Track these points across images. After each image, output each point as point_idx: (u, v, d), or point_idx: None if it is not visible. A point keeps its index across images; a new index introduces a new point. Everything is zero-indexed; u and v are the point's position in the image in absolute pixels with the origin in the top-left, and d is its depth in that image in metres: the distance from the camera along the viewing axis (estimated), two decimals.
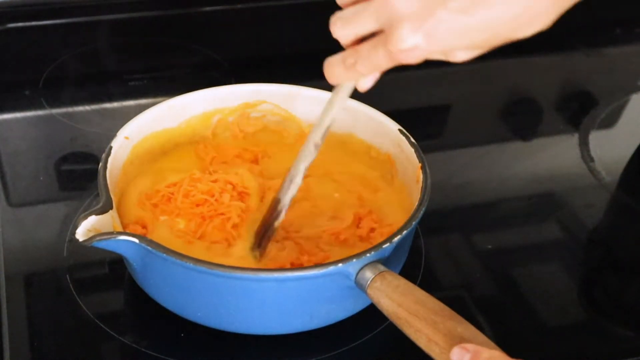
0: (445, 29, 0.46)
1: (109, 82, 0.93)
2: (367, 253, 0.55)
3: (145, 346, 0.60)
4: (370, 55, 0.49)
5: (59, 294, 0.64)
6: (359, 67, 0.50)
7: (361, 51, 0.50)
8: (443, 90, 0.96)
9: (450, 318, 0.50)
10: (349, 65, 0.51)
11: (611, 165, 0.84)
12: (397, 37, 0.47)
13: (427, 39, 0.46)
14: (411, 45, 0.47)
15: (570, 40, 1.08)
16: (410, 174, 0.66)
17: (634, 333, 0.66)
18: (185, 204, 0.64)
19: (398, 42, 0.47)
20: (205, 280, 0.55)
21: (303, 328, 0.60)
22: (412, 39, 0.46)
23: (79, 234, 0.54)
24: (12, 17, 1.00)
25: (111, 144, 0.64)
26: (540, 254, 0.73)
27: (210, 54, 0.98)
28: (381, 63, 0.49)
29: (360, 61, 0.50)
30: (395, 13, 0.47)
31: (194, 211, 0.64)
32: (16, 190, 0.76)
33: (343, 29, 0.51)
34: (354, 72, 0.51)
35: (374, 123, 0.71)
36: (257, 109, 0.74)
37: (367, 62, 0.50)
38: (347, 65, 0.51)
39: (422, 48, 0.47)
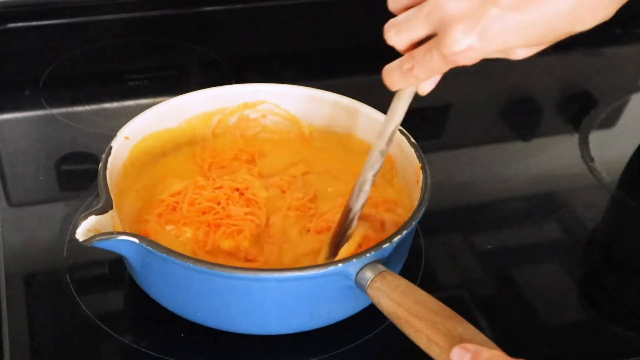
0: (499, 28, 0.46)
1: (109, 82, 0.93)
2: (367, 253, 0.55)
3: (145, 346, 0.60)
4: (426, 59, 0.49)
5: (59, 294, 0.64)
6: (416, 72, 0.50)
7: (417, 56, 0.49)
8: (443, 90, 0.96)
9: (450, 318, 0.50)
10: (406, 71, 0.50)
11: (611, 165, 0.84)
12: (450, 39, 0.46)
13: (481, 39, 0.46)
14: (465, 46, 0.46)
15: (570, 40, 1.07)
16: (410, 174, 0.66)
17: (634, 333, 0.66)
18: (192, 212, 0.64)
19: (451, 44, 0.46)
20: (205, 280, 0.55)
21: (303, 328, 0.60)
22: (465, 40, 0.46)
23: (79, 234, 0.54)
24: (12, 17, 1.00)
25: (111, 144, 0.64)
26: (540, 254, 0.73)
27: (210, 54, 0.98)
28: (437, 66, 0.49)
29: (417, 66, 0.50)
30: (447, 15, 0.46)
31: (200, 219, 0.63)
32: (16, 190, 0.76)
33: (397, 35, 0.50)
34: (412, 77, 0.51)
35: (374, 123, 0.71)
36: (257, 109, 0.74)
37: (423, 67, 0.49)
38: (405, 71, 0.51)
39: (476, 49, 0.46)
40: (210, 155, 0.72)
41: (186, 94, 0.72)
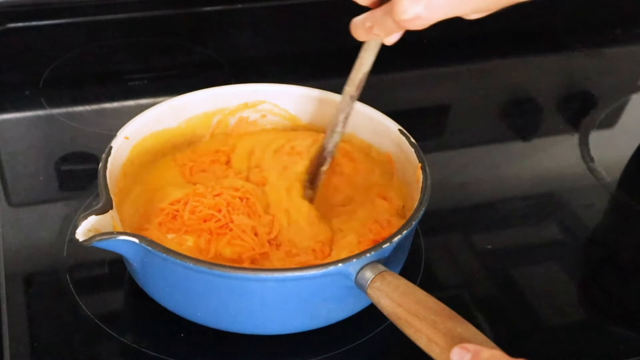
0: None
1: (109, 82, 0.93)
2: (367, 253, 0.55)
3: (145, 346, 0.60)
4: (383, 21, 0.54)
5: (59, 294, 0.64)
6: (375, 30, 0.55)
7: (376, 17, 0.54)
8: (443, 90, 0.96)
9: (450, 318, 0.50)
10: (368, 29, 0.56)
11: (611, 165, 0.84)
12: (399, 8, 0.50)
13: (427, 9, 0.50)
14: (412, 15, 0.50)
15: (570, 40, 1.08)
16: (410, 174, 0.66)
17: (634, 333, 0.66)
18: (192, 220, 0.63)
19: (400, 12, 0.50)
20: (205, 280, 0.55)
21: (303, 328, 0.60)
22: (412, 10, 0.50)
23: (79, 234, 0.54)
24: (12, 17, 1.00)
25: (111, 144, 0.64)
26: (540, 254, 0.73)
27: (210, 54, 0.98)
28: (392, 28, 0.53)
29: (376, 26, 0.55)
30: None
31: (202, 227, 0.62)
32: (16, 190, 0.76)
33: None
34: (373, 35, 0.56)
35: (374, 123, 0.71)
36: (257, 109, 0.74)
37: (381, 27, 0.54)
38: (366, 28, 0.56)
39: (423, 17, 0.50)
40: (190, 159, 0.71)
41: (186, 94, 0.72)
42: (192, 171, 0.70)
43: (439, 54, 1.02)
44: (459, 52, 1.03)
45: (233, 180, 0.68)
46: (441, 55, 1.02)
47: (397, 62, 0.93)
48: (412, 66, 0.99)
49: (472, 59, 1.02)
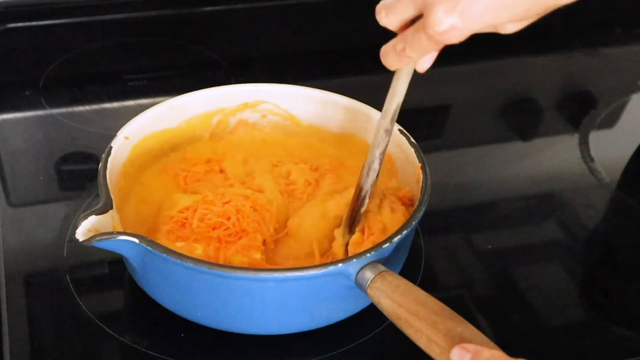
0: (480, 7, 0.47)
1: (109, 82, 0.93)
2: (367, 253, 0.55)
3: (145, 346, 0.60)
4: (415, 40, 0.51)
5: (59, 294, 0.64)
6: (408, 52, 0.52)
7: (407, 37, 0.51)
8: (443, 90, 0.96)
9: (450, 318, 0.50)
10: (400, 52, 0.52)
11: (611, 165, 0.84)
12: (433, 20, 0.48)
13: (463, 18, 0.47)
14: (448, 26, 0.48)
15: (570, 40, 1.08)
16: (410, 174, 0.66)
17: (634, 333, 0.66)
18: (201, 228, 0.62)
19: (435, 25, 0.48)
20: (205, 280, 0.55)
21: (303, 328, 0.60)
22: (448, 20, 0.47)
23: (79, 234, 0.54)
24: (12, 17, 1.00)
25: (111, 144, 0.64)
26: (540, 254, 0.73)
27: (210, 54, 0.98)
28: (426, 46, 0.51)
29: (408, 47, 0.52)
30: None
31: (211, 235, 0.62)
32: (16, 190, 0.76)
33: (387, 17, 0.52)
34: (406, 57, 0.53)
35: (374, 123, 0.71)
36: (257, 109, 0.74)
37: (414, 47, 0.51)
38: (398, 52, 0.53)
39: (459, 28, 0.48)
40: (181, 168, 0.70)
41: (186, 94, 0.72)
42: (187, 181, 0.69)
43: (439, 54, 1.02)
44: (459, 52, 1.03)
45: (240, 187, 0.67)
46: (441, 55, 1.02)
47: None
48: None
49: (472, 59, 1.02)
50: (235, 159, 0.71)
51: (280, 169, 0.71)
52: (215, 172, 0.70)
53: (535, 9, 0.49)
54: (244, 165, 0.71)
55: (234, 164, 0.71)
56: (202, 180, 0.69)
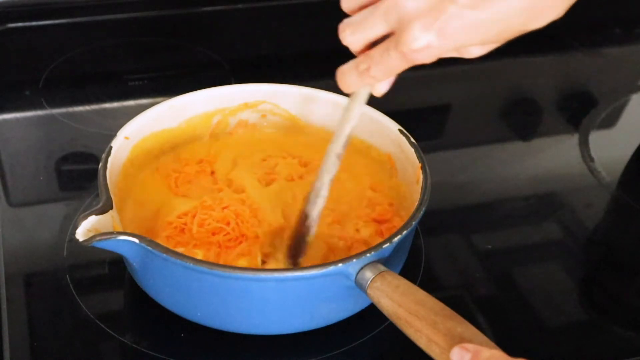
0: (457, 26, 0.46)
1: (109, 82, 0.93)
2: (367, 253, 0.55)
3: (145, 346, 0.60)
4: (383, 58, 0.49)
5: (59, 294, 0.64)
6: (373, 72, 0.50)
7: (374, 56, 0.49)
8: (443, 90, 0.96)
9: (450, 318, 0.50)
10: (363, 72, 0.50)
11: (611, 165, 0.84)
12: (408, 37, 0.46)
13: (439, 37, 0.46)
14: (424, 44, 0.46)
15: (570, 40, 1.08)
16: (410, 174, 0.66)
17: (634, 333, 0.66)
18: (201, 233, 0.62)
19: (410, 42, 0.46)
20: (205, 280, 0.55)
21: (303, 328, 0.60)
22: (424, 38, 0.46)
23: (79, 234, 0.54)
24: (12, 17, 1.00)
25: (111, 144, 0.64)
26: (540, 254, 0.73)
27: (210, 54, 0.98)
28: (395, 65, 0.49)
29: (374, 66, 0.49)
30: (405, 13, 0.46)
31: (211, 240, 0.62)
32: (16, 190, 0.76)
33: (353, 35, 0.50)
34: (369, 78, 0.50)
35: (374, 123, 0.71)
36: (257, 109, 0.75)
37: (380, 66, 0.49)
38: (361, 72, 0.50)
39: (434, 46, 0.46)
40: (173, 169, 0.70)
41: (186, 94, 0.72)
42: (178, 182, 0.68)
43: None
44: None
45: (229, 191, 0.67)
46: None
47: None
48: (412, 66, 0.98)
49: (472, 59, 1.01)
50: (226, 159, 0.71)
51: (268, 162, 0.71)
52: (205, 174, 0.70)
53: (506, 33, 0.48)
54: (233, 166, 0.71)
55: (224, 164, 0.71)
56: (192, 182, 0.69)
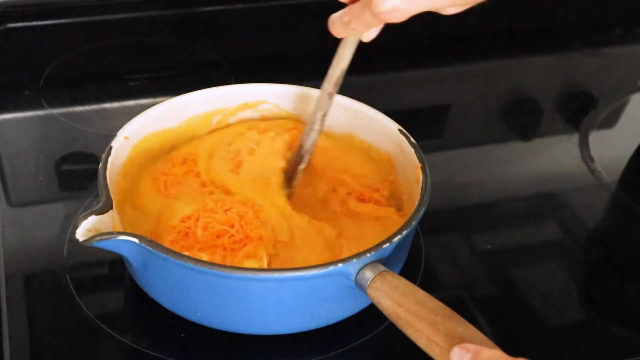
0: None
1: (109, 82, 0.93)
2: (367, 253, 0.55)
3: (145, 346, 0.60)
4: (360, 15, 0.54)
5: (59, 294, 0.64)
6: (353, 25, 0.55)
7: (354, 11, 0.54)
8: (443, 90, 0.96)
9: (450, 318, 0.50)
10: (346, 23, 0.56)
11: (611, 165, 0.84)
12: (376, 0, 0.50)
13: (405, 1, 0.50)
14: (390, 7, 0.50)
15: (570, 40, 1.08)
16: (410, 174, 0.66)
17: (634, 333, 0.66)
18: (206, 236, 0.62)
19: (378, 5, 0.51)
20: (205, 280, 0.55)
21: (303, 328, 0.60)
22: (390, 1, 0.50)
23: (79, 234, 0.54)
24: (12, 17, 1.00)
25: (111, 144, 0.64)
26: (540, 254, 0.73)
27: (210, 54, 0.98)
28: (370, 22, 0.53)
29: (354, 20, 0.55)
30: None
31: (216, 243, 0.61)
32: (16, 190, 0.76)
33: None
34: (351, 30, 0.56)
35: (374, 123, 0.71)
36: (257, 109, 0.75)
37: (359, 21, 0.54)
38: (344, 23, 0.56)
39: (401, 9, 0.50)
40: (162, 172, 0.69)
41: (186, 94, 0.72)
42: (167, 185, 0.68)
43: (439, 54, 1.02)
44: (459, 52, 1.03)
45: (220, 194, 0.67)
46: (441, 55, 1.02)
47: (397, 62, 0.93)
48: (412, 66, 0.99)
49: (472, 59, 1.02)
50: (204, 156, 0.71)
51: (233, 146, 0.71)
52: (194, 174, 0.69)
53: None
54: (210, 159, 0.70)
55: (203, 161, 0.70)
56: (182, 184, 0.68)
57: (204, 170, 0.69)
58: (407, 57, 0.93)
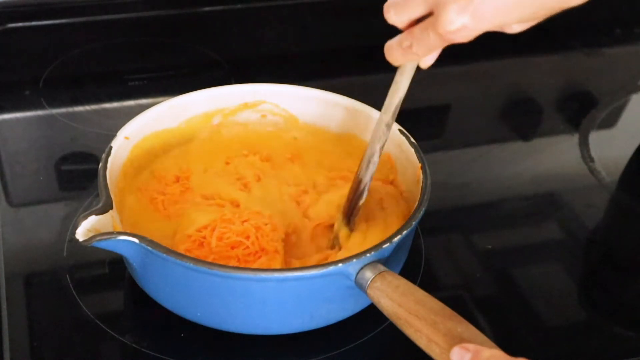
0: (491, 8, 0.47)
1: (109, 82, 0.93)
2: (367, 253, 0.55)
3: (145, 346, 0.60)
4: (423, 37, 0.51)
5: (59, 294, 0.64)
6: (415, 49, 0.52)
7: (415, 34, 0.52)
8: (443, 90, 0.96)
9: (450, 318, 0.50)
10: (406, 48, 0.53)
11: (611, 165, 0.84)
12: (444, 19, 0.48)
13: (473, 19, 0.48)
14: (459, 26, 0.48)
15: (570, 40, 1.08)
16: (410, 174, 0.66)
17: (634, 333, 0.66)
18: (220, 247, 0.61)
19: (446, 24, 0.48)
20: (205, 280, 0.55)
21: (303, 328, 0.60)
22: (459, 20, 0.48)
23: (79, 234, 0.54)
24: (12, 17, 1.00)
25: (111, 144, 0.64)
26: (540, 254, 0.73)
27: (210, 54, 0.98)
28: (434, 44, 0.51)
29: (415, 44, 0.52)
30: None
31: (230, 254, 0.61)
32: (16, 190, 0.76)
33: (397, 15, 0.53)
34: (412, 54, 0.53)
35: (374, 123, 0.70)
36: (257, 109, 0.74)
37: (421, 44, 0.52)
38: (404, 48, 0.53)
39: (470, 28, 0.48)
40: (156, 191, 0.67)
41: (186, 94, 0.72)
42: (165, 204, 0.67)
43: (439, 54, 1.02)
44: (459, 52, 1.03)
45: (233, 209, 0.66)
46: (441, 55, 1.02)
47: None
48: None
49: (472, 59, 1.02)
50: (198, 171, 0.70)
51: (229, 167, 0.71)
52: (190, 191, 0.68)
53: (543, 10, 0.50)
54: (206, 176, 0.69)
55: (198, 176, 0.69)
56: (180, 202, 0.67)
57: (200, 184, 0.68)
58: None
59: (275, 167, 0.72)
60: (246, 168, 0.70)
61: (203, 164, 0.71)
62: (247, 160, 0.72)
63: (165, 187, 0.68)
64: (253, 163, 0.71)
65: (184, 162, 0.71)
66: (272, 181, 0.70)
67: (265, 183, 0.69)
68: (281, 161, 0.72)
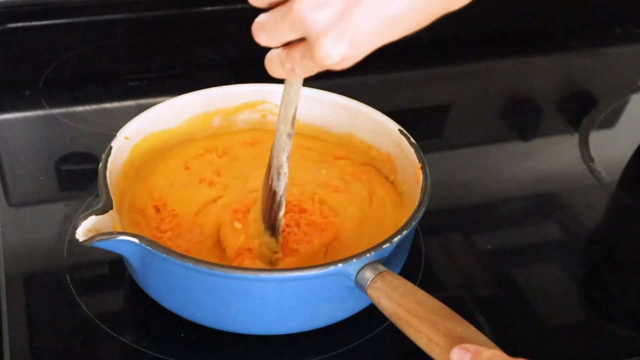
0: (369, 30, 0.44)
1: (109, 82, 0.93)
2: (367, 253, 0.55)
3: (145, 346, 0.60)
4: (303, 62, 0.48)
5: (59, 294, 0.64)
6: (297, 71, 0.49)
7: (295, 59, 0.48)
8: (443, 90, 0.96)
9: (450, 318, 0.50)
10: (288, 70, 0.50)
11: (611, 165, 0.84)
12: (320, 54, 0.45)
13: (353, 47, 0.44)
14: (338, 59, 0.45)
15: (570, 40, 1.08)
16: (410, 174, 0.66)
17: (634, 333, 0.66)
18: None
19: (324, 58, 0.45)
20: (205, 280, 0.55)
21: (303, 328, 0.60)
22: (336, 52, 0.44)
23: (79, 234, 0.54)
24: (12, 17, 1.00)
25: (111, 144, 0.64)
26: (540, 254, 0.73)
27: (210, 54, 0.98)
28: (316, 69, 0.48)
29: (297, 67, 0.49)
30: (312, 29, 0.44)
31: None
32: (16, 190, 0.76)
33: (268, 40, 0.50)
34: (294, 75, 0.50)
35: (374, 123, 0.71)
36: (257, 109, 0.74)
37: (302, 68, 0.48)
38: (286, 70, 0.50)
39: (350, 57, 0.45)
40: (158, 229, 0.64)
41: (186, 94, 0.72)
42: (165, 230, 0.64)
43: (439, 54, 1.02)
44: (459, 52, 1.03)
45: None
46: (441, 55, 1.02)
47: (397, 62, 0.93)
48: (412, 66, 0.99)
49: (472, 59, 1.02)
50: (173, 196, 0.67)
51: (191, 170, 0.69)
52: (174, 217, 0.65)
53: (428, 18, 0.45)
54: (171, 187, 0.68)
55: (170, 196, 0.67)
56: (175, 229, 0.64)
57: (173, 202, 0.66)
58: (407, 57, 0.93)
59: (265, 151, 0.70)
60: (202, 166, 0.70)
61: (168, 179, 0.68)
62: (205, 159, 0.71)
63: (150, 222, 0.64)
64: (211, 161, 0.71)
65: (152, 192, 0.67)
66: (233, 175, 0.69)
67: (225, 177, 0.69)
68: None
